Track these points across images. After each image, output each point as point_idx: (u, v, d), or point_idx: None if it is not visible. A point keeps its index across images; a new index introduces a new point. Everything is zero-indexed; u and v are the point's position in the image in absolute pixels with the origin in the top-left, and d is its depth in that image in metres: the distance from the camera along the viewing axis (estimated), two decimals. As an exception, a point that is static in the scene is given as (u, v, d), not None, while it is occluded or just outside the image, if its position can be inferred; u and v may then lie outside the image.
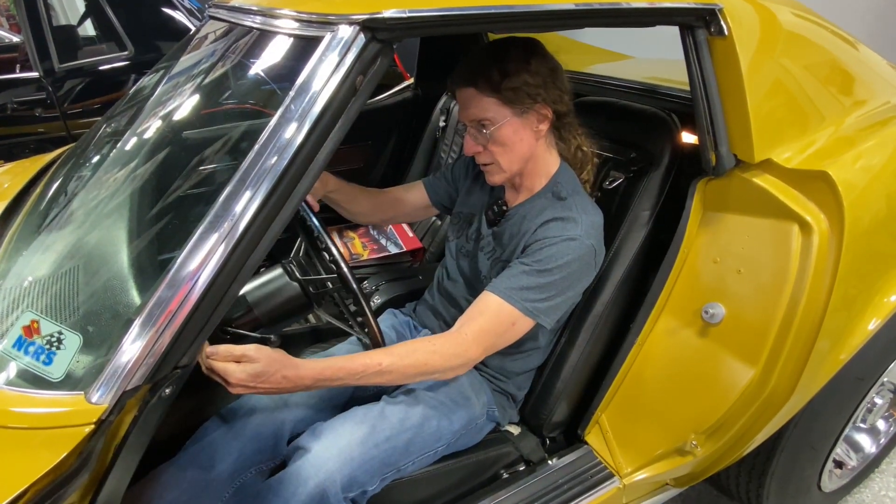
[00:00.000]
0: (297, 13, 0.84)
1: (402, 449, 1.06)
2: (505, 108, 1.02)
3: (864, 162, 1.10)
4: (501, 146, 1.05)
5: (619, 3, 0.93)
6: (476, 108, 1.04)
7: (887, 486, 1.66)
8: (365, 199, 1.37)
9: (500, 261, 1.14)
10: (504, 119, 1.03)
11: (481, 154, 1.08)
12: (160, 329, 0.72)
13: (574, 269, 1.03)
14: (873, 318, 1.11)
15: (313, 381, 0.92)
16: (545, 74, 1.03)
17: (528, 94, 1.02)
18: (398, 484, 1.09)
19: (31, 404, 0.73)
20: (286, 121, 0.76)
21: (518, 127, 1.04)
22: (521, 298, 1.01)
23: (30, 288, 0.92)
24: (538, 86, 1.02)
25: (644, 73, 1.67)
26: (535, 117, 1.05)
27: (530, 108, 1.03)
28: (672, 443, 1.15)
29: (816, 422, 1.25)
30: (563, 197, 1.10)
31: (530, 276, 1.02)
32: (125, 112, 1.30)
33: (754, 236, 1.06)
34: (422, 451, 1.09)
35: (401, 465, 1.06)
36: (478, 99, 1.03)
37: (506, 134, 1.04)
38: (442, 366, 1.00)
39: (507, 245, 1.13)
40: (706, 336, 1.11)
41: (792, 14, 1.19)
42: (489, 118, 1.03)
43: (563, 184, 1.12)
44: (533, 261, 1.03)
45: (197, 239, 0.74)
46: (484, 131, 1.05)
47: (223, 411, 1.09)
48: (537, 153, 1.10)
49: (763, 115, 1.04)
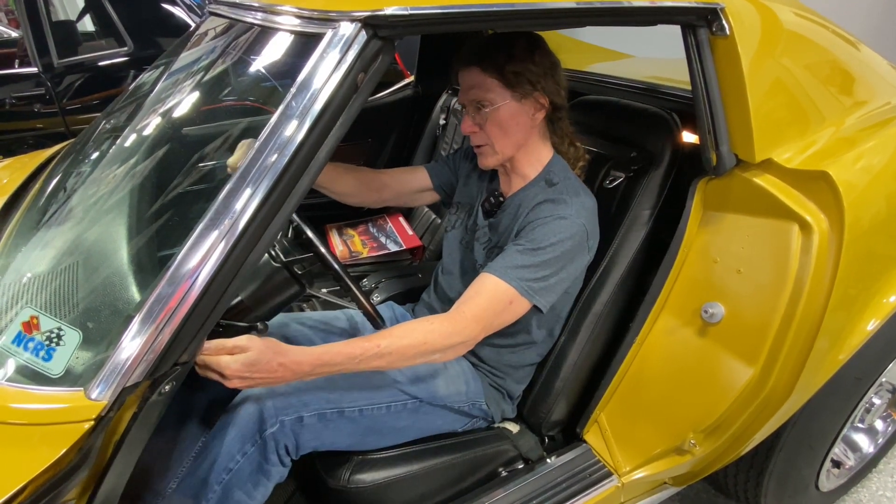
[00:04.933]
0: (298, 10, 0.84)
1: (343, 388, 1.07)
2: (506, 90, 1.05)
3: (865, 162, 1.10)
4: (498, 128, 1.08)
5: (621, 3, 0.93)
6: (478, 87, 1.07)
7: (885, 485, 1.66)
8: (350, 179, 1.31)
9: (495, 248, 1.15)
10: (503, 101, 1.06)
11: (477, 134, 1.11)
12: (160, 326, 0.72)
13: (567, 247, 1.04)
14: (872, 318, 1.11)
15: (312, 366, 0.91)
16: (546, 66, 1.07)
17: (529, 81, 1.05)
18: (395, 482, 1.10)
19: (31, 400, 0.73)
20: (287, 118, 0.76)
21: (515, 111, 1.07)
22: (517, 277, 1.02)
23: (29, 284, 0.92)
24: (539, 75, 1.05)
25: (644, 73, 1.67)
26: (533, 105, 1.08)
27: (529, 95, 1.06)
28: (671, 442, 1.15)
29: (815, 421, 1.25)
30: (555, 182, 1.12)
31: (524, 255, 1.03)
32: (125, 108, 1.29)
33: (754, 236, 1.06)
34: (369, 399, 1.09)
35: (343, 405, 1.06)
36: (481, 78, 1.06)
37: (503, 116, 1.07)
38: (441, 344, 0.98)
39: (503, 234, 1.15)
40: (705, 335, 1.11)
41: (793, 14, 1.19)
42: (489, 98, 1.06)
43: (556, 171, 1.14)
44: (526, 241, 1.05)
45: (197, 236, 0.74)
46: (483, 110, 1.07)
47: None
48: (531, 141, 1.13)
49: (764, 115, 1.04)
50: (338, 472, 1.09)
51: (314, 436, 1.04)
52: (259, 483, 1.01)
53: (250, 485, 1.00)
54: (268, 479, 1.02)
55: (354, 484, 1.08)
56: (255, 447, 1.00)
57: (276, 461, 1.01)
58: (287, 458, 1.03)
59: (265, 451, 1.00)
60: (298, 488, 1.24)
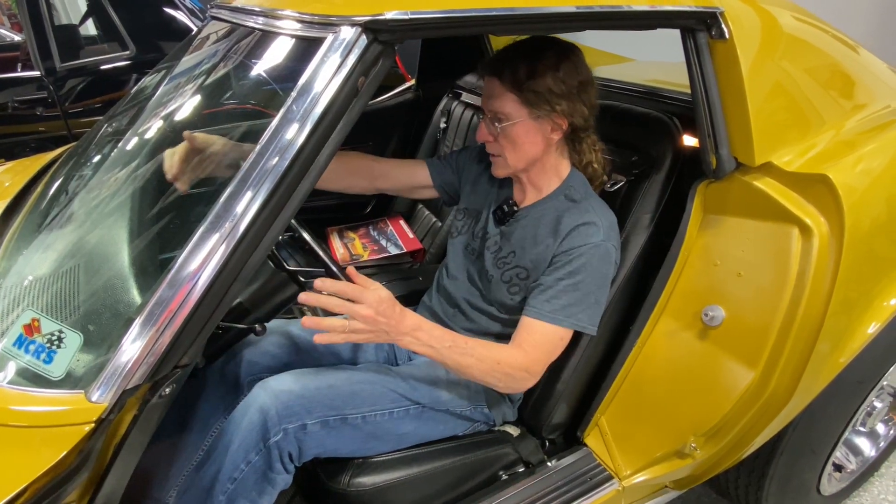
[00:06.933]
0: (299, 14, 0.84)
1: (346, 395, 1.07)
2: (523, 107, 1.03)
3: (865, 165, 1.10)
4: (511, 143, 1.07)
5: (621, 6, 0.93)
6: (496, 99, 1.05)
7: (886, 489, 1.66)
8: (349, 162, 1.30)
9: (505, 261, 1.14)
10: (519, 118, 1.04)
11: (491, 144, 1.11)
12: (161, 328, 0.72)
13: (603, 272, 1.07)
14: (873, 321, 1.11)
15: (410, 328, 0.95)
16: (572, 86, 1.03)
17: (548, 101, 1.02)
18: (395, 485, 1.10)
19: (32, 403, 0.73)
20: (288, 121, 0.76)
21: (531, 129, 1.05)
22: (566, 316, 1.04)
23: (30, 286, 0.92)
24: (561, 95, 1.02)
25: (646, 76, 1.67)
26: (550, 125, 1.06)
27: (547, 115, 1.04)
28: (671, 445, 1.15)
29: (816, 425, 1.25)
30: (577, 199, 1.11)
31: (568, 293, 1.04)
32: (126, 112, 1.30)
33: (754, 239, 1.06)
34: (371, 405, 1.09)
35: (346, 412, 1.06)
36: (499, 91, 1.04)
37: (517, 133, 1.06)
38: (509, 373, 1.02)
39: (516, 246, 1.14)
40: (706, 338, 1.11)
41: (793, 17, 1.19)
42: (505, 113, 1.04)
43: (576, 187, 1.13)
44: (565, 274, 1.04)
45: (198, 239, 0.74)
46: (497, 124, 1.06)
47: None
48: (546, 158, 1.11)
49: (764, 118, 1.04)
50: (338, 476, 1.09)
51: (318, 443, 1.04)
52: (264, 491, 1.01)
53: (255, 493, 1.00)
54: (273, 487, 1.02)
55: (355, 487, 1.08)
56: (259, 455, 0.99)
57: (281, 469, 1.01)
58: (291, 465, 1.03)
59: (269, 460, 1.00)
60: (298, 492, 1.24)
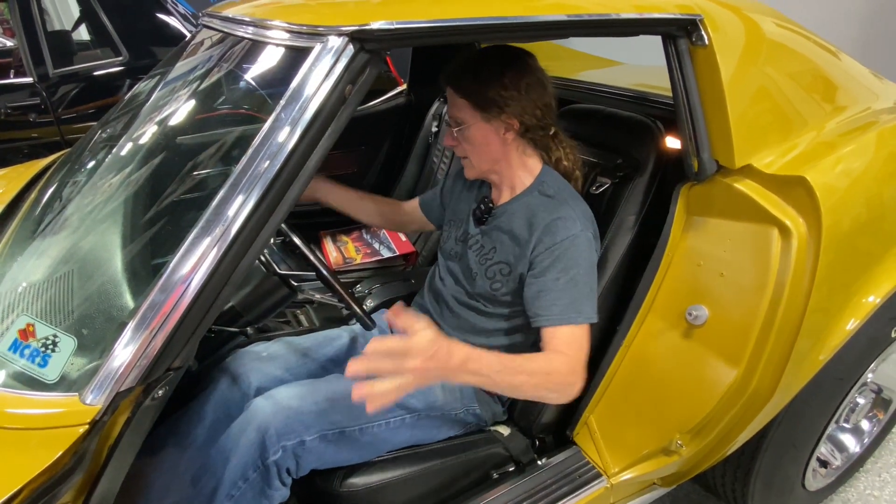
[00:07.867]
0: (288, 24, 0.86)
1: (343, 410, 1.08)
2: (475, 111, 1.09)
3: (844, 166, 1.12)
4: (471, 145, 1.13)
5: (607, 14, 0.95)
6: (453, 106, 1.12)
7: (872, 485, 1.68)
8: (370, 206, 1.49)
9: (487, 258, 1.17)
10: (473, 122, 1.10)
11: (458, 148, 1.16)
12: (153, 332, 0.74)
13: (591, 261, 1.10)
14: (851, 318, 1.14)
15: (461, 362, 0.85)
16: (520, 88, 1.07)
17: (496, 104, 1.07)
18: (387, 485, 1.11)
19: (27, 405, 0.74)
20: (277, 128, 0.78)
21: (486, 131, 1.11)
22: (576, 312, 1.04)
23: (25, 292, 0.93)
24: (509, 97, 1.07)
25: (632, 80, 1.69)
26: (503, 126, 1.10)
27: (497, 116, 1.09)
28: (658, 442, 1.17)
29: (799, 421, 1.27)
30: (550, 195, 1.14)
31: (569, 290, 1.05)
32: (120, 118, 1.31)
33: (736, 240, 1.08)
34: (369, 418, 1.10)
35: (345, 426, 1.08)
36: (454, 98, 1.11)
37: (474, 135, 1.11)
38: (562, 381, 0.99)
39: (497, 241, 1.17)
40: (690, 337, 1.13)
41: (774, 24, 1.22)
42: (460, 117, 1.11)
43: (549, 182, 1.16)
44: (560, 272, 1.06)
45: (190, 243, 0.76)
46: (455, 129, 1.12)
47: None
48: (509, 157, 1.15)
49: (743, 122, 1.06)
50: (330, 477, 1.10)
51: (316, 457, 1.06)
52: None
53: None
54: (270, 502, 1.03)
55: (347, 488, 1.09)
56: (257, 472, 1.01)
57: (279, 485, 1.03)
58: (288, 479, 1.05)
59: (268, 477, 1.01)
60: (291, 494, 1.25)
